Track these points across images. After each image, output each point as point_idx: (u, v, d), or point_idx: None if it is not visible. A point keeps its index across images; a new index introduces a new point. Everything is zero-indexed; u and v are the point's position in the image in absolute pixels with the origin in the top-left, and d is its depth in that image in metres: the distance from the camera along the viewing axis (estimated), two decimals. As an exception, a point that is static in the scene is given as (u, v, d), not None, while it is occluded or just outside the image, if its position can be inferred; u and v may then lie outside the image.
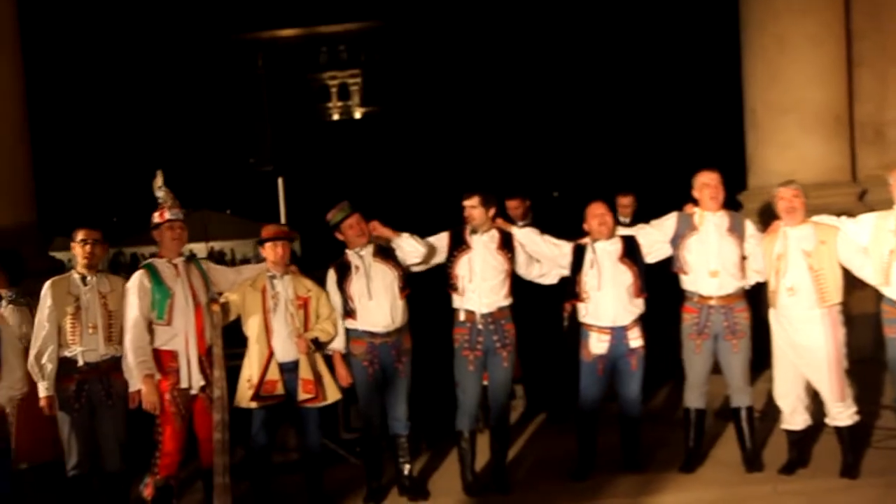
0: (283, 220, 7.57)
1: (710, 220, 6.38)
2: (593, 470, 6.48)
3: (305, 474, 6.32)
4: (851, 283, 6.31)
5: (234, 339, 6.21)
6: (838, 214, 6.51)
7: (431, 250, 6.43)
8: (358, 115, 66.44)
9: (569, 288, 6.67)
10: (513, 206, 8.01)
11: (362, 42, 68.04)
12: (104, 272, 6.00)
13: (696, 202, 6.48)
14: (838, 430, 6.21)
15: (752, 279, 6.46)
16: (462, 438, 6.45)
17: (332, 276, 6.36)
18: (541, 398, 8.13)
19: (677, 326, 6.55)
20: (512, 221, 7.81)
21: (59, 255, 8.97)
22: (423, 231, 6.54)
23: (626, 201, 8.70)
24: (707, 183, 6.39)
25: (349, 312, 6.27)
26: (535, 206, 8.08)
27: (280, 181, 7.63)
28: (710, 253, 6.33)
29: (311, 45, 66.84)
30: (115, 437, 5.81)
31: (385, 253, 6.35)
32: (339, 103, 67.57)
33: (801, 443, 6.37)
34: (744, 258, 6.39)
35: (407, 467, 6.41)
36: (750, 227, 6.47)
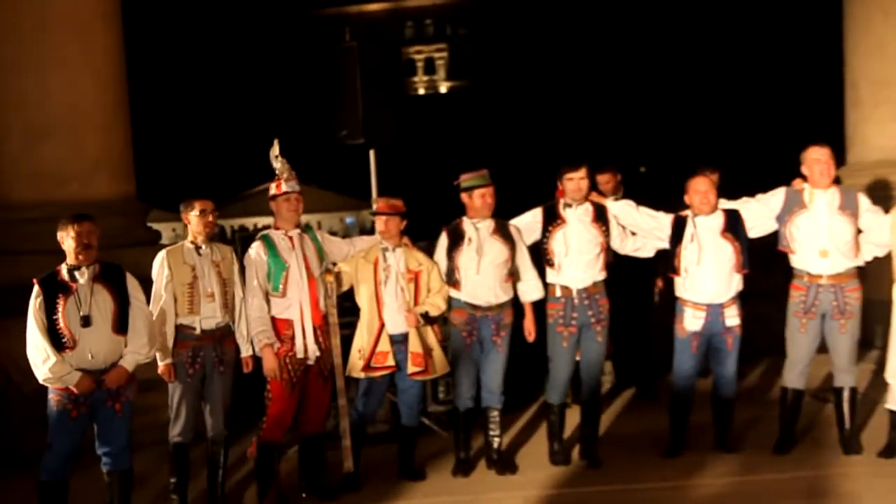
0: (374, 193, 7.61)
1: (820, 198, 6.18)
2: (684, 448, 6.42)
3: (400, 446, 6.39)
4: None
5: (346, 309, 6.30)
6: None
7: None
8: (444, 89, 66.52)
9: (663, 263, 6.59)
10: (603, 180, 7.92)
11: (449, 16, 68.04)
12: (214, 242, 6.11)
13: (804, 177, 6.28)
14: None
15: (870, 254, 6.26)
16: (552, 412, 6.47)
17: (443, 242, 6.37)
18: (629, 375, 8.07)
19: (776, 303, 6.40)
20: (603, 196, 7.76)
21: (156, 226, 9.14)
22: (510, 208, 6.51)
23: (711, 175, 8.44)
24: (819, 159, 6.18)
25: (454, 282, 6.29)
26: (623, 181, 7.98)
27: (372, 154, 7.68)
28: (820, 232, 6.15)
29: (398, 20, 67.12)
30: (222, 402, 5.92)
31: (503, 230, 6.33)
32: (425, 78, 67.77)
33: (905, 425, 6.18)
34: (859, 233, 6.19)
35: (497, 441, 6.43)
36: (864, 200, 6.25)
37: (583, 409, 6.57)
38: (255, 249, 5.92)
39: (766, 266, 6.58)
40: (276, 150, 6.03)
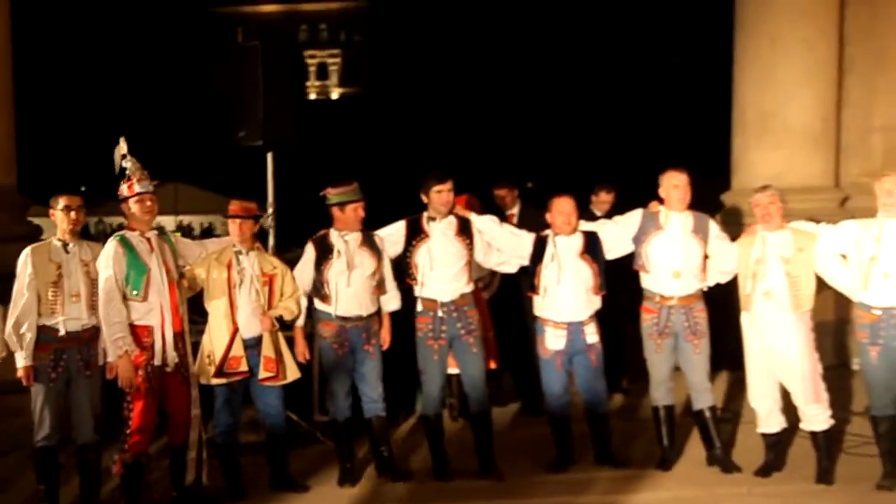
0: (270, 196, 7.45)
1: (675, 220, 6.34)
2: (572, 463, 6.46)
3: (268, 455, 6.26)
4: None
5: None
6: (819, 220, 6.50)
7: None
8: (335, 95, 66.14)
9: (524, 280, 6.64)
10: (501, 194, 7.96)
11: (344, 22, 67.75)
12: (84, 239, 5.86)
13: (661, 200, 6.43)
14: (814, 434, 6.21)
15: (714, 280, 6.45)
16: (429, 424, 6.46)
17: (309, 254, 6.30)
18: (515, 388, 8.10)
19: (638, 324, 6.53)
20: (501, 209, 7.78)
21: (36, 221, 8.77)
22: (396, 218, 6.48)
23: (606, 197, 8.59)
24: (677, 184, 6.34)
25: (323, 296, 6.22)
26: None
27: (270, 157, 7.50)
28: (673, 253, 6.30)
29: (293, 22, 66.52)
30: (89, 407, 5.69)
31: (371, 242, 6.31)
32: (318, 83, 67.27)
33: (777, 446, 6.37)
34: (706, 258, 6.37)
35: (384, 448, 6.38)
36: (714, 227, 6.46)
37: (474, 423, 6.56)
38: (113, 249, 5.68)
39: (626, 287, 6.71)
40: (123, 148, 5.80)
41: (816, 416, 6.15)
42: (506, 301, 7.52)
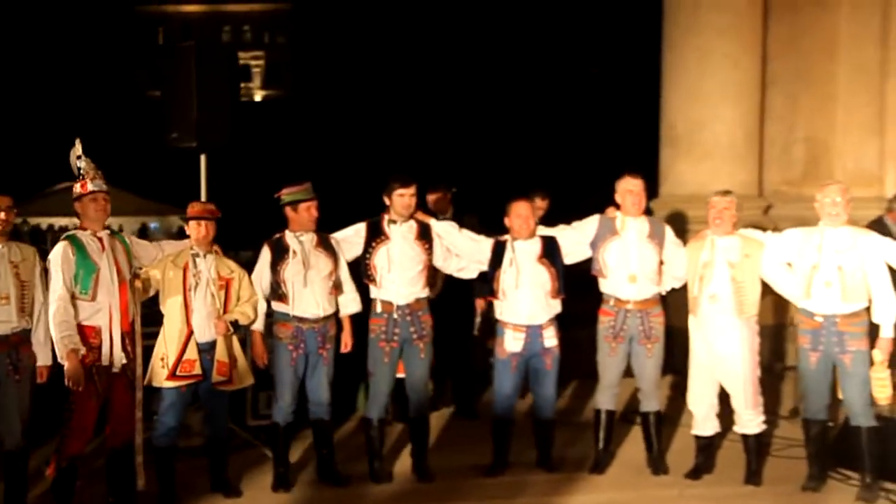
0: (203, 197, 7.36)
1: (631, 226, 6.44)
2: (507, 467, 6.50)
3: (209, 459, 6.19)
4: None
5: (145, 317, 6.01)
6: (744, 227, 6.64)
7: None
8: (258, 97, 65.52)
9: (481, 285, 6.70)
10: (433, 199, 7.98)
11: (267, 24, 67.15)
12: (13, 241, 5.71)
13: (617, 206, 6.53)
14: (745, 437, 6.36)
15: (669, 285, 6.57)
16: (371, 427, 6.44)
17: (265, 256, 6.26)
18: (451, 393, 8.14)
19: (591, 328, 6.60)
20: (434, 214, 7.80)
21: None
22: (328, 222, 6.46)
23: (541, 203, 8.69)
24: (632, 189, 6.45)
25: (280, 296, 6.19)
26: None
27: (203, 158, 7.42)
28: (630, 258, 6.39)
29: (215, 23, 65.67)
30: (17, 413, 5.52)
31: (326, 244, 6.30)
32: (241, 85, 66.47)
33: (708, 449, 6.51)
34: (661, 263, 6.48)
35: (327, 453, 6.38)
36: (670, 233, 6.56)
37: (411, 426, 6.57)
38: (63, 250, 5.57)
39: (578, 291, 6.77)
40: (78, 149, 5.73)
41: (751, 420, 6.31)
42: (448, 306, 7.54)
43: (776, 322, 8.69)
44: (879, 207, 9.35)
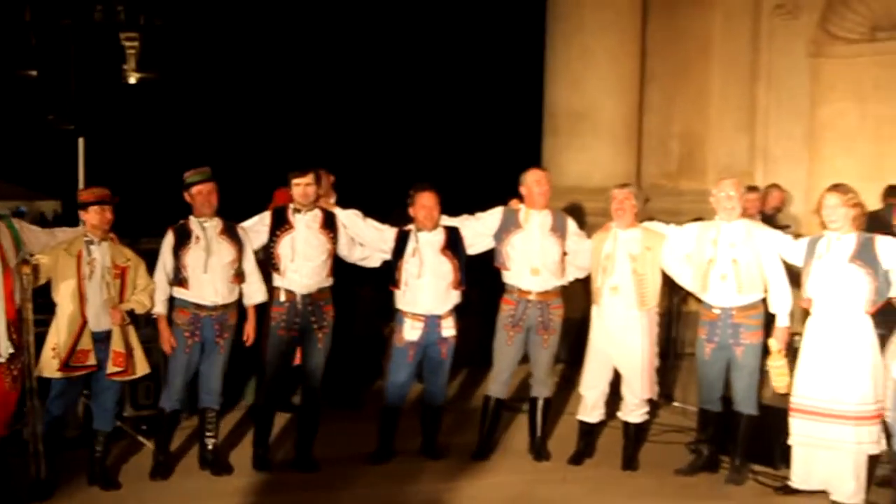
0: (81, 183, 7.11)
1: (535, 218, 6.51)
2: (393, 455, 6.53)
3: (92, 451, 6.02)
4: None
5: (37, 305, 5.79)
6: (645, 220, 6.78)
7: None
8: (133, 80, 63.58)
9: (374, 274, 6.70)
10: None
11: (142, 4, 65.17)
12: None
13: (521, 198, 6.60)
14: (627, 424, 6.54)
15: (572, 275, 6.67)
16: (263, 414, 6.41)
17: (168, 241, 6.14)
18: (334, 383, 8.08)
19: (487, 317, 6.69)
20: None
21: None
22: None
23: None
24: (539, 181, 6.53)
25: (180, 281, 6.08)
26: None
27: (81, 141, 7.16)
28: (533, 251, 6.46)
29: (88, 3, 63.36)
30: None
31: (231, 231, 6.21)
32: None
33: (590, 435, 6.67)
34: (564, 255, 6.58)
35: (212, 442, 6.30)
36: (572, 224, 6.66)
37: (302, 415, 6.55)
38: None
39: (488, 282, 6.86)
40: None
41: (637, 408, 6.49)
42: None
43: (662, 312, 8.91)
44: (749, 202, 9.73)
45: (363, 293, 7.90)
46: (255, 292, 6.33)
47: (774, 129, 9.94)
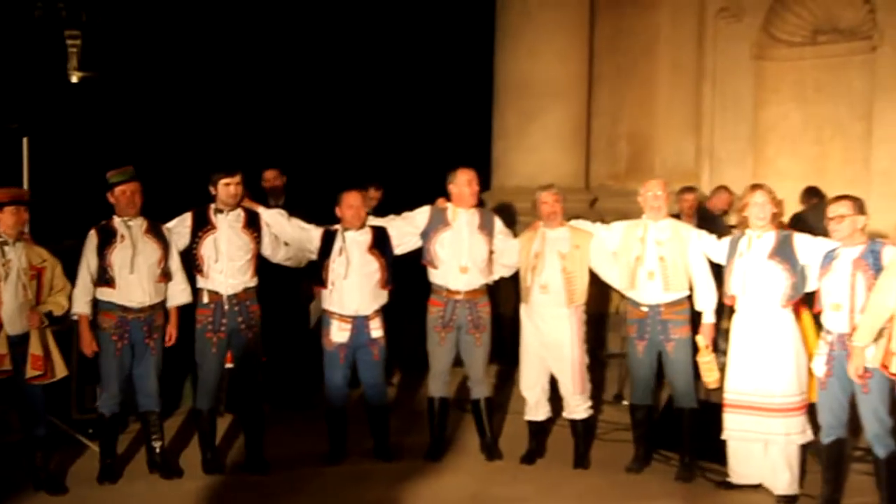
0: (25, 184, 6.98)
1: (462, 217, 6.53)
2: (346, 456, 6.51)
3: (29, 457, 5.90)
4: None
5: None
6: (572, 219, 6.83)
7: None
8: (75, 79, 62.56)
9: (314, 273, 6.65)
10: (271, 176, 7.94)
11: (84, 2, 64.09)
12: None
13: (448, 197, 6.60)
14: (573, 422, 6.58)
15: (498, 274, 6.71)
16: (202, 418, 6.35)
17: (92, 240, 6.04)
18: (283, 382, 8.03)
19: (422, 318, 6.68)
20: (264, 194, 7.72)
21: None
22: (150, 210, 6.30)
23: (375, 193, 8.76)
24: (470, 180, 6.54)
25: (106, 281, 5.99)
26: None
27: (25, 141, 7.03)
28: (461, 249, 6.48)
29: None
30: None
31: (156, 230, 6.14)
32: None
33: (541, 434, 6.71)
34: (491, 253, 6.61)
35: (159, 444, 6.23)
36: (499, 223, 6.69)
37: (245, 416, 6.50)
38: None
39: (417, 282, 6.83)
40: None
41: (579, 406, 6.53)
42: (275, 295, 7.44)
43: (597, 311, 9.00)
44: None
45: (310, 291, 7.86)
46: (178, 293, 6.26)
47: (720, 131, 10.10)
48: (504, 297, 7.09)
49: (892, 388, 5.39)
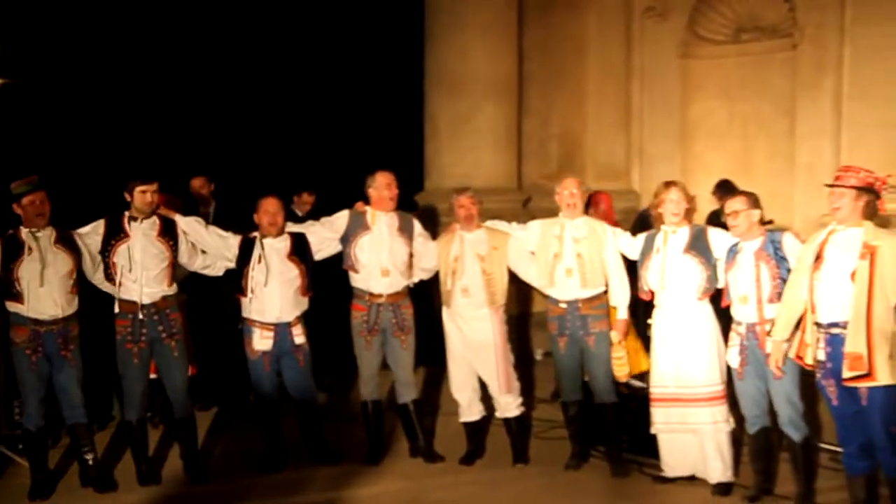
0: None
1: (381, 220, 6.54)
2: (284, 462, 6.46)
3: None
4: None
5: None
6: (505, 219, 6.90)
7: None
8: (-8, 85, 61.05)
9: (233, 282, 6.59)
10: (198, 184, 7.85)
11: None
12: None
13: (367, 200, 6.59)
14: (507, 421, 6.62)
15: (418, 277, 6.74)
16: (132, 430, 6.25)
17: None
18: (216, 391, 7.93)
19: (347, 323, 6.67)
20: (194, 202, 7.62)
21: None
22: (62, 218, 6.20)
23: (308, 198, 8.72)
24: (389, 184, 6.55)
25: (14, 296, 5.86)
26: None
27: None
28: (382, 252, 6.49)
29: (-59, 3, 60.51)
30: None
31: (67, 240, 6.02)
32: (-28, 71, 61.63)
33: (477, 434, 6.72)
34: (411, 256, 6.63)
35: (91, 457, 6.12)
36: (418, 226, 6.72)
37: (178, 426, 6.43)
38: None
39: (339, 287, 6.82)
40: None
41: (509, 405, 6.57)
42: (204, 303, 7.36)
43: (521, 311, 9.07)
44: (627, 200, 10.01)
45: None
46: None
47: (649, 128, 10.23)
48: (429, 299, 7.07)
49: (803, 372, 5.51)
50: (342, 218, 6.58)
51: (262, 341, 6.34)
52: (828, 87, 9.07)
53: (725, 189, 8.95)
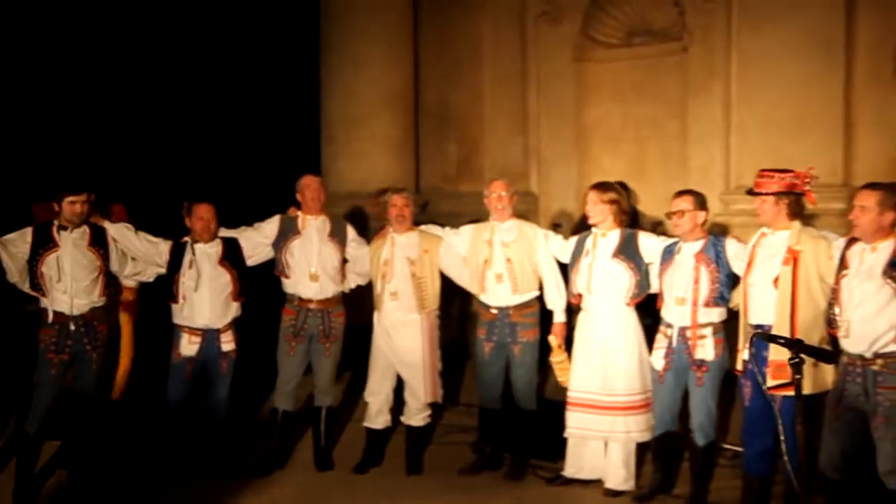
0: None
1: (312, 224, 6.49)
2: (185, 471, 6.29)
3: None
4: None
5: None
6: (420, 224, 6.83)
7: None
8: None
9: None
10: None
11: None
12: None
13: (299, 205, 6.56)
14: (410, 428, 6.58)
15: (353, 282, 6.69)
16: (28, 441, 6.01)
17: None
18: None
19: (275, 328, 6.59)
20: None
21: None
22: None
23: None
24: (314, 186, 6.51)
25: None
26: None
27: None
28: (311, 256, 6.44)
29: None
30: None
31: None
32: None
33: (377, 442, 6.66)
34: (344, 261, 6.58)
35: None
36: (351, 231, 6.68)
37: (71, 443, 6.26)
38: None
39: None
40: None
41: (419, 414, 6.53)
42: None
43: (463, 311, 9.02)
44: (526, 202, 10.03)
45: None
46: None
47: (545, 132, 10.26)
48: (360, 306, 6.99)
49: (723, 382, 5.58)
50: (273, 223, 6.54)
51: (188, 346, 6.27)
52: (717, 91, 9.20)
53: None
